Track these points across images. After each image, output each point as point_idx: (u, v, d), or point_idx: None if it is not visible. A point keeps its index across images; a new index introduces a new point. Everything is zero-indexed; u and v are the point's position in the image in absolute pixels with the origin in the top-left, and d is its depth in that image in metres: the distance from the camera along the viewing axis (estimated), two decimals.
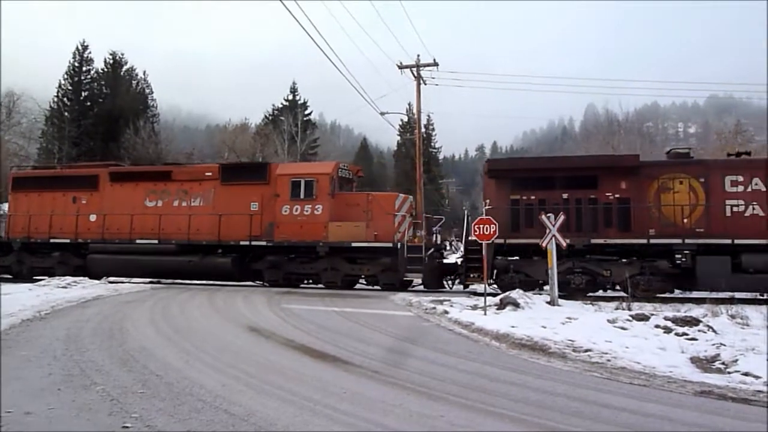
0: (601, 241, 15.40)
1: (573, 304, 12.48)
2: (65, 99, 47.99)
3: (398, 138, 57.71)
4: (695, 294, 14.65)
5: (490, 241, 15.29)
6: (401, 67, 29.09)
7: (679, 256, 14.79)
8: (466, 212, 18.47)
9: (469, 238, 16.26)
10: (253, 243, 17.78)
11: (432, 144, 59.47)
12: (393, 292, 15.60)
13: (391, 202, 17.55)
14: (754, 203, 14.96)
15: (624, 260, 15.45)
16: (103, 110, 47.49)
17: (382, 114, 31.14)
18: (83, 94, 48.94)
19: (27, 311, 10.94)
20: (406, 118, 52.90)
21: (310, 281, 18.11)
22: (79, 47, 49.09)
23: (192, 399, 5.55)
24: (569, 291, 15.38)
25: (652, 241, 15.12)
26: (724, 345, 8.17)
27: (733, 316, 10.36)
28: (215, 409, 5.23)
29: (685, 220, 15.22)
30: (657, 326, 9.45)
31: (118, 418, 4.94)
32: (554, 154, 35.65)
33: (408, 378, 6.54)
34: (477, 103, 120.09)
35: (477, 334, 9.54)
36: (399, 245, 16.54)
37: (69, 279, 16.73)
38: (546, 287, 15.60)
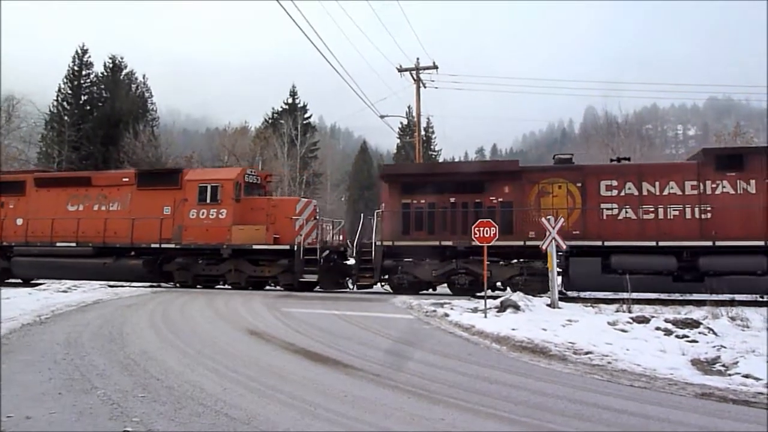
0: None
1: (573, 307, 12.48)
2: (65, 103, 47.98)
3: (398, 141, 57.69)
4: (695, 296, 14.68)
5: (379, 243, 16.63)
6: (401, 70, 29.20)
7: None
8: (362, 215, 19.07)
9: (364, 240, 17.38)
10: (163, 245, 18.63)
11: (432, 147, 59.46)
12: (393, 295, 15.62)
13: (292, 207, 18.43)
14: (627, 207, 15.80)
15: (503, 262, 16.11)
16: (103, 114, 47.48)
17: (382, 117, 31.23)
18: (83, 98, 48.94)
19: (27, 315, 10.93)
20: (405, 121, 52.92)
21: (221, 282, 18.79)
22: (79, 51, 49.13)
23: (193, 403, 5.55)
24: (454, 291, 16.31)
25: (529, 243, 15.70)
26: (725, 347, 8.17)
27: (733, 318, 10.36)
28: (216, 413, 5.23)
29: (564, 223, 15.59)
30: (657, 328, 9.45)
31: (119, 422, 4.94)
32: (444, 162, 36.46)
33: (409, 381, 6.54)
34: (477, 105, 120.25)
35: (477, 337, 9.53)
36: (296, 247, 17.20)
37: (69, 283, 16.75)
38: (442, 285, 16.94)
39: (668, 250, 15.01)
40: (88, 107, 48.77)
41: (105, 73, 49.98)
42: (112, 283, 18.15)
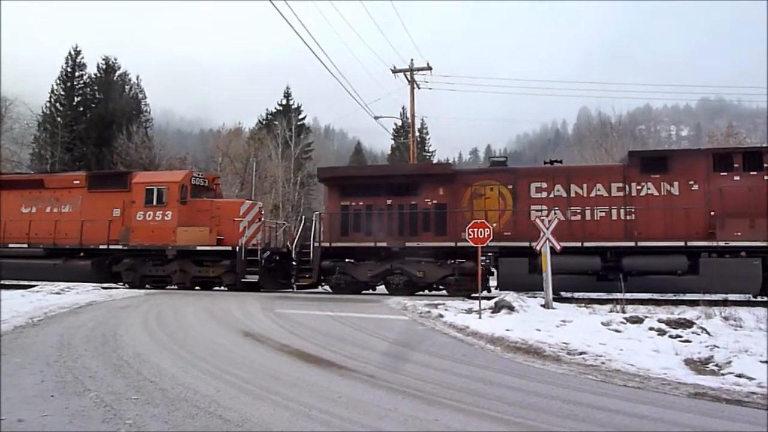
0: (414, 244, 16.68)
1: (567, 307, 12.50)
2: (58, 104, 47.73)
3: (392, 142, 57.71)
4: (689, 296, 14.75)
5: (317, 245, 17.17)
6: (395, 71, 29.24)
7: (483, 257, 15.77)
8: (303, 217, 19.55)
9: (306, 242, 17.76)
10: (111, 246, 19.04)
11: (426, 148, 59.52)
12: (388, 296, 15.62)
13: (235, 209, 18.79)
14: (556, 208, 16.20)
15: (437, 262, 16.67)
16: (96, 115, 47.25)
17: (376, 118, 31.26)
18: (76, 99, 48.71)
19: (20, 318, 10.86)
20: (400, 122, 52.94)
21: (168, 282, 19.12)
22: (72, 52, 48.88)
23: (186, 405, 5.53)
24: (390, 290, 16.96)
25: (459, 243, 16.01)
26: (718, 347, 8.21)
27: (726, 318, 10.41)
28: (210, 415, 5.21)
29: (495, 224, 16.00)
30: (651, 328, 9.48)
31: (111, 425, 4.92)
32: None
33: (403, 382, 6.53)
34: (471, 106, 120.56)
35: (472, 338, 9.54)
36: (238, 248, 17.72)
37: (62, 285, 16.67)
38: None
39: (593, 250, 15.39)
40: (81, 108, 48.51)
41: (98, 74, 49.75)
42: (105, 285, 18.14)
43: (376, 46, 30.62)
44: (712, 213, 15.06)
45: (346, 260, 17.43)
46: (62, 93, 48.13)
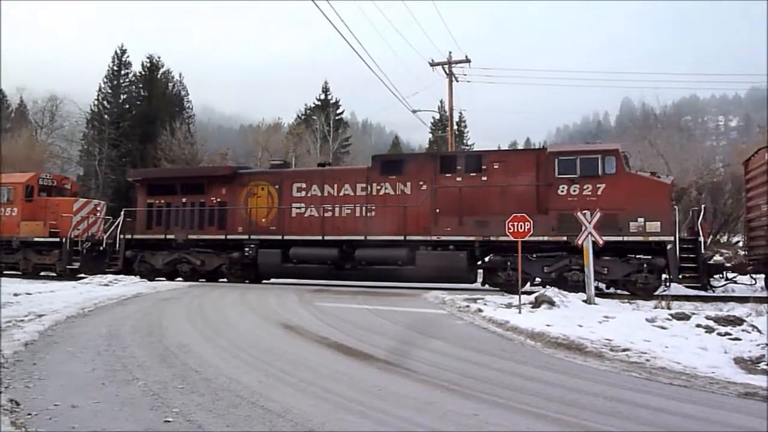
0: (195, 236, 19.16)
1: (610, 303, 12.27)
2: (105, 102, 49.28)
3: (430, 136, 57.48)
4: (738, 293, 14.30)
5: (122, 237, 19.85)
6: (433, 64, 29.08)
7: (247, 249, 18.27)
8: (122, 212, 21.27)
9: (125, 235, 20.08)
10: None
11: (464, 141, 59.08)
12: (426, 290, 15.60)
13: (69, 206, 21.44)
14: (312, 206, 18.24)
15: (215, 252, 19.00)
16: (141, 112, 48.61)
17: (414, 112, 31.20)
18: (122, 96, 50.19)
19: (71, 308, 11.27)
20: (437, 116, 52.64)
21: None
22: (118, 51, 50.39)
23: (230, 395, 5.66)
24: (182, 277, 19.28)
25: (229, 236, 18.76)
26: None
27: None
28: (252, 405, 5.31)
29: (263, 220, 18.74)
30: (698, 326, 9.17)
31: (159, 413, 5.07)
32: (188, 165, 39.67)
33: (441, 376, 6.52)
34: (510, 99, 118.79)
35: (511, 333, 9.44)
36: (64, 240, 20.48)
37: (110, 277, 17.31)
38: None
39: (332, 243, 17.43)
40: (127, 106, 49.93)
41: (142, 73, 51.08)
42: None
43: (414, 40, 30.44)
44: (437, 210, 16.50)
45: (149, 251, 19.68)
46: (109, 91, 49.62)
